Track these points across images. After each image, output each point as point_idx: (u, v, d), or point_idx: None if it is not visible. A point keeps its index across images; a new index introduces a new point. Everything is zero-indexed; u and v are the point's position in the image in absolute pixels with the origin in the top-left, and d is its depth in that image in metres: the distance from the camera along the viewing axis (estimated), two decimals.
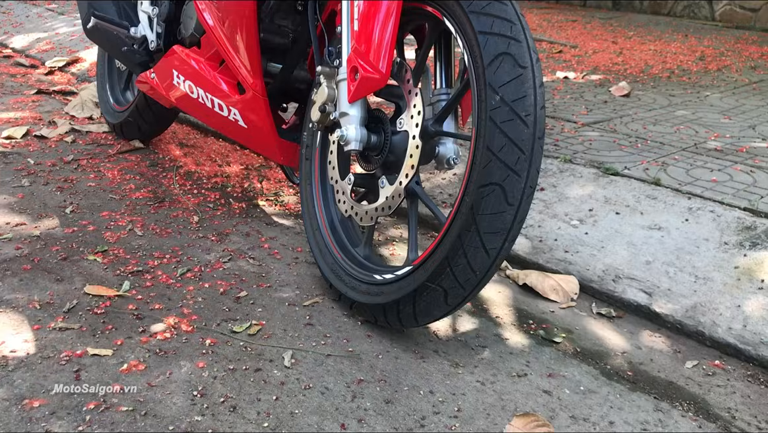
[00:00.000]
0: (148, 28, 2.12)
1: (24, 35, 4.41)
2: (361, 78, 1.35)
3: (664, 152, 2.26)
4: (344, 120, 1.42)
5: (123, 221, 1.90)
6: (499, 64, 1.20)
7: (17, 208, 1.95)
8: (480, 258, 1.22)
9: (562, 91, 3.07)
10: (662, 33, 4.71)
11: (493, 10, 1.23)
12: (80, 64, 3.72)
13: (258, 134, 1.77)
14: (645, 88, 3.18)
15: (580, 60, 3.76)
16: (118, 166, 2.33)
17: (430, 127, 1.38)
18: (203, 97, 1.86)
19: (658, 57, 3.87)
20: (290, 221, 2.00)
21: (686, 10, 5.52)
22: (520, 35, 1.22)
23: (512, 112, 1.18)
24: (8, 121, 2.77)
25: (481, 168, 1.20)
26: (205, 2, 1.76)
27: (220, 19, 1.72)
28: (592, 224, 1.88)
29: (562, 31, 4.65)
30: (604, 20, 5.24)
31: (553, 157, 2.20)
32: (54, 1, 5.29)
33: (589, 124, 2.58)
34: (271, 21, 1.80)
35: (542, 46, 4.11)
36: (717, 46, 4.25)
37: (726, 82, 3.35)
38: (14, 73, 3.62)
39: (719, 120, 2.68)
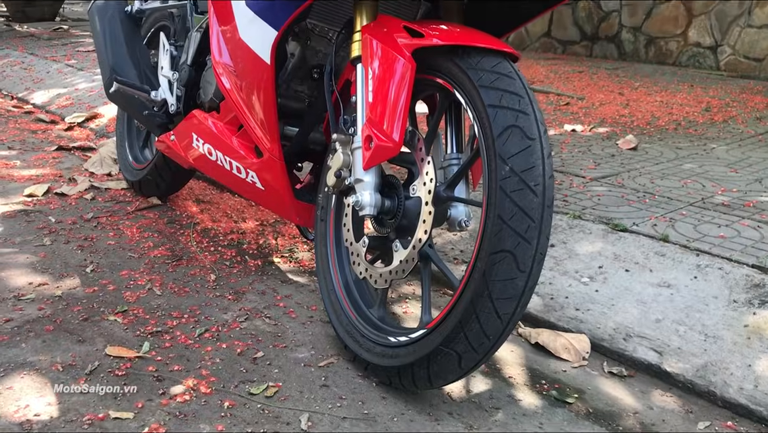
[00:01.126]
0: (168, 92, 2.20)
1: (44, 91, 4.53)
2: (375, 147, 1.40)
3: (672, 207, 2.30)
4: (359, 186, 1.47)
5: (142, 280, 1.95)
6: (508, 136, 1.25)
7: (39, 267, 2.01)
8: (493, 323, 1.25)
9: (570, 145, 3.13)
10: (668, 83, 4.78)
11: (502, 84, 1.29)
12: (99, 119, 3.82)
13: (274, 196, 1.83)
14: (652, 140, 3.24)
15: (588, 112, 3.83)
16: (136, 223, 2.39)
17: (442, 192, 1.43)
18: (222, 159, 1.92)
19: (664, 108, 3.93)
20: (305, 279, 2.04)
21: (691, 59, 5.61)
22: (528, 108, 1.27)
23: (522, 182, 1.23)
24: (30, 178, 2.85)
25: (492, 235, 1.24)
26: (225, 69, 1.83)
27: (238, 85, 1.79)
28: (603, 281, 1.91)
29: (569, 82, 4.73)
30: (611, 70, 5.33)
31: (562, 213, 2.24)
32: (74, 56, 5.45)
33: (597, 178, 2.62)
34: (288, 87, 1.87)
35: (550, 98, 4.19)
36: (722, 97, 4.32)
37: (732, 133, 3.40)
38: (35, 129, 3.72)
39: (726, 173, 2.72)
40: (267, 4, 1.58)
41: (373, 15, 1.53)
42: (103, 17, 2.44)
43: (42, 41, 6.33)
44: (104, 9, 2.47)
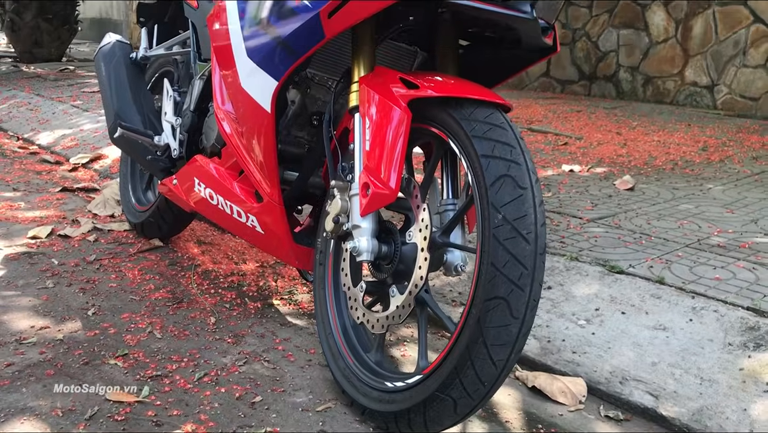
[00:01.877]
0: (171, 137, 2.24)
1: (50, 132, 4.60)
2: (372, 194, 1.44)
3: (668, 249, 2.32)
4: (356, 232, 1.50)
5: (143, 323, 1.97)
6: (500, 185, 1.28)
7: (42, 310, 2.03)
8: (488, 369, 1.27)
9: (568, 185, 3.16)
10: (665, 122, 4.84)
11: (494, 135, 1.33)
12: (103, 160, 3.88)
13: (274, 240, 1.85)
14: (649, 180, 3.27)
15: (585, 152, 3.87)
16: (138, 265, 2.41)
17: (438, 238, 1.46)
18: (223, 204, 1.96)
19: (661, 148, 3.98)
20: (304, 321, 2.05)
21: (689, 98, 5.68)
22: (520, 158, 1.31)
23: (514, 230, 1.25)
24: (34, 220, 2.88)
25: (486, 282, 1.26)
26: (227, 116, 1.88)
27: (240, 132, 1.83)
28: (599, 323, 1.92)
29: (567, 122, 4.79)
30: (609, 110, 5.40)
31: (559, 254, 2.27)
32: (79, 97, 5.53)
33: (594, 220, 2.65)
34: (289, 132, 1.92)
35: (548, 138, 4.24)
36: (719, 136, 4.37)
37: (728, 173, 3.44)
38: (40, 171, 3.77)
39: (722, 214, 2.74)
40: (268, 56, 1.63)
41: (370, 66, 1.57)
42: (109, 63, 2.51)
43: (48, 82, 6.43)
44: (110, 55, 2.53)
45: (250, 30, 1.68)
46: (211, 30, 1.87)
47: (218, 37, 1.82)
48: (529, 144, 4.08)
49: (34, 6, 8.09)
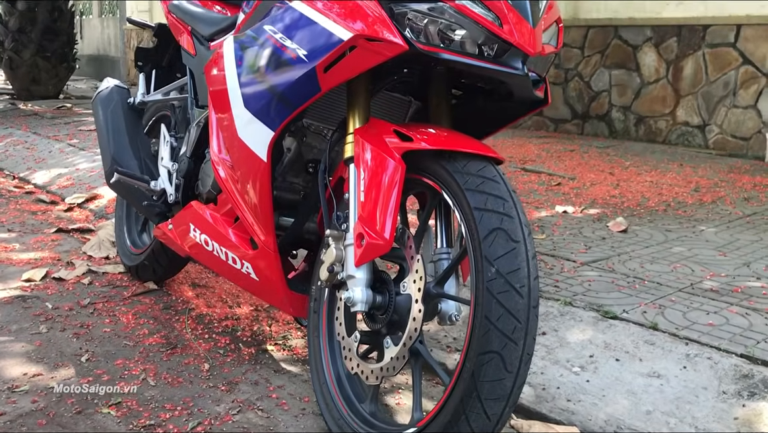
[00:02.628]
0: (167, 182, 2.26)
1: (46, 171, 4.62)
2: (366, 244, 1.45)
3: (662, 293, 2.33)
4: (351, 282, 1.51)
5: (136, 369, 1.96)
6: (493, 238, 1.30)
7: (35, 357, 2.02)
8: (482, 423, 1.27)
9: (562, 227, 3.18)
10: (658, 162, 4.89)
11: (487, 188, 1.35)
12: (98, 200, 3.89)
13: (268, 287, 1.86)
14: (642, 222, 3.29)
15: (579, 192, 3.90)
16: (132, 309, 2.41)
17: (432, 289, 1.47)
18: (218, 250, 1.97)
19: (654, 189, 4.01)
20: (298, 368, 2.05)
21: (680, 138, 5.74)
22: (512, 211, 1.32)
23: (507, 284, 1.27)
24: (28, 262, 2.88)
25: (480, 336, 1.27)
26: (223, 163, 1.90)
27: (235, 179, 1.85)
28: (593, 370, 1.92)
29: (560, 161, 4.83)
30: (601, 149, 5.45)
31: (553, 299, 2.28)
32: (76, 136, 5.57)
33: (588, 263, 2.66)
34: (284, 179, 1.93)
35: (542, 179, 4.27)
36: (711, 176, 4.41)
37: (720, 215, 3.47)
38: (35, 211, 3.78)
39: (715, 257, 2.76)
40: (264, 107, 1.65)
41: (365, 118, 1.60)
42: (107, 108, 2.53)
43: (45, 120, 6.47)
44: (108, 100, 2.56)
45: (247, 80, 1.70)
46: (209, 78, 1.90)
47: (215, 86, 1.85)
48: (522, 184, 4.11)
49: (33, 44, 8.18)
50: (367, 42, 1.43)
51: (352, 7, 1.46)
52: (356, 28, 1.43)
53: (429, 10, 1.41)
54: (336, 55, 1.47)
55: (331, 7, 1.50)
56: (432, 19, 1.43)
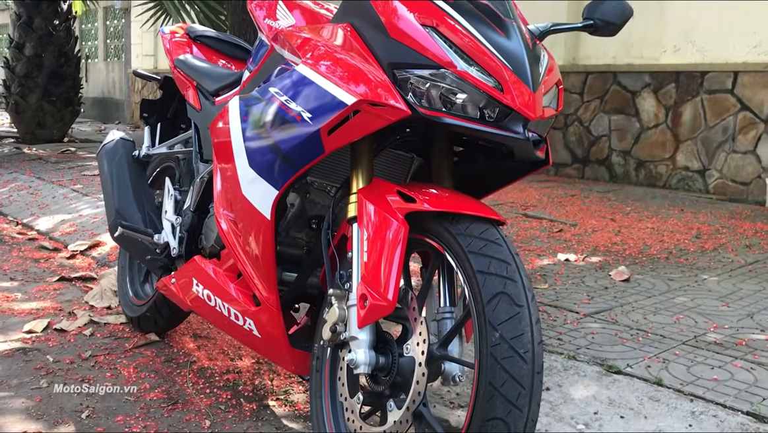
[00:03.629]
0: (171, 235, 2.27)
1: (49, 217, 4.64)
2: (370, 306, 1.45)
3: (665, 346, 2.32)
4: (354, 344, 1.50)
5: (137, 426, 1.95)
6: (497, 302, 1.30)
7: (35, 413, 2.01)
8: None
9: (564, 276, 3.18)
10: (658, 207, 4.90)
11: (490, 251, 1.36)
12: (101, 248, 3.90)
13: (271, 344, 1.85)
14: (644, 271, 3.29)
15: (580, 239, 3.91)
16: (134, 362, 2.40)
17: (436, 351, 1.47)
18: (220, 306, 1.97)
19: (655, 236, 4.02)
20: (299, 425, 2.03)
21: (681, 182, 5.77)
22: (516, 275, 1.33)
23: (511, 349, 1.27)
24: (30, 312, 2.88)
25: (484, 402, 1.26)
26: (226, 219, 1.91)
27: (239, 236, 1.86)
28: (598, 428, 1.91)
29: (561, 207, 4.85)
30: (602, 194, 5.47)
31: (557, 353, 2.27)
32: (79, 181, 5.60)
33: (591, 314, 2.66)
34: (288, 234, 1.94)
35: (543, 225, 4.29)
36: (712, 222, 4.42)
37: (722, 263, 3.47)
38: (38, 258, 3.78)
39: (717, 307, 2.76)
40: (269, 166, 1.67)
41: (368, 178, 1.62)
42: (111, 161, 2.56)
43: (49, 164, 6.52)
44: (113, 153, 2.58)
45: (252, 140, 1.72)
46: (214, 136, 1.92)
47: (221, 144, 1.87)
48: (524, 231, 4.12)
49: (40, 89, 8.28)
50: (370, 106, 1.45)
51: (356, 71, 1.49)
52: (360, 92, 1.46)
53: (431, 76, 1.44)
54: (340, 118, 1.49)
55: (335, 71, 1.53)
56: (434, 84, 1.45)
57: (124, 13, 13.32)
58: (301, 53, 1.65)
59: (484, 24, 1.49)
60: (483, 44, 1.46)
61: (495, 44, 1.47)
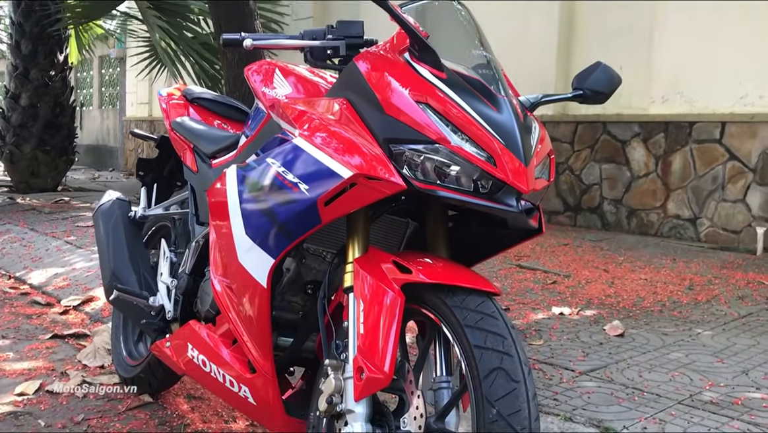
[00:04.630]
0: (166, 298, 2.27)
1: (42, 270, 4.63)
2: (366, 378, 1.45)
3: (661, 406, 2.32)
4: (350, 417, 1.50)
5: None
6: (494, 378, 1.30)
7: None
8: None
9: (559, 331, 3.18)
10: (651, 257, 4.93)
11: (486, 325, 1.37)
12: (94, 303, 3.88)
13: (266, 412, 1.84)
14: (638, 325, 3.30)
15: (574, 291, 3.92)
16: (127, 426, 2.37)
17: (433, 424, 1.46)
18: (215, 371, 1.96)
19: (648, 287, 4.04)
20: None
21: (672, 231, 5.82)
22: (512, 350, 1.34)
23: (509, 426, 1.27)
24: (22, 373, 2.85)
25: None
26: (222, 285, 1.91)
27: (234, 302, 1.86)
28: None
29: (554, 257, 4.88)
30: (595, 243, 5.51)
31: (554, 414, 2.26)
32: (73, 232, 5.60)
33: (586, 372, 2.65)
34: (283, 298, 1.94)
35: (537, 276, 4.30)
36: (704, 273, 4.44)
37: (716, 316, 3.48)
38: (30, 314, 3.76)
39: (712, 364, 2.76)
40: (265, 235, 1.68)
41: (364, 247, 1.63)
42: (108, 222, 2.57)
43: (43, 215, 6.52)
44: (109, 214, 2.60)
45: (248, 209, 1.74)
46: (211, 203, 1.94)
47: (217, 212, 1.88)
48: (518, 282, 4.13)
49: (34, 139, 8.33)
50: (367, 180, 1.47)
51: (353, 145, 1.52)
52: (357, 166, 1.48)
53: (425, 150, 1.47)
54: (337, 190, 1.51)
55: (332, 144, 1.55)
56: (428, 157, 1.48)
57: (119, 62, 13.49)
58: (299, 125, 1.68)
59: (476, 99, 1.53)
60: (475, 119, 1.49)
61: (487, 118, 1.50)
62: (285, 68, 2.02)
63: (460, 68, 1.60)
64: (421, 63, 1.56)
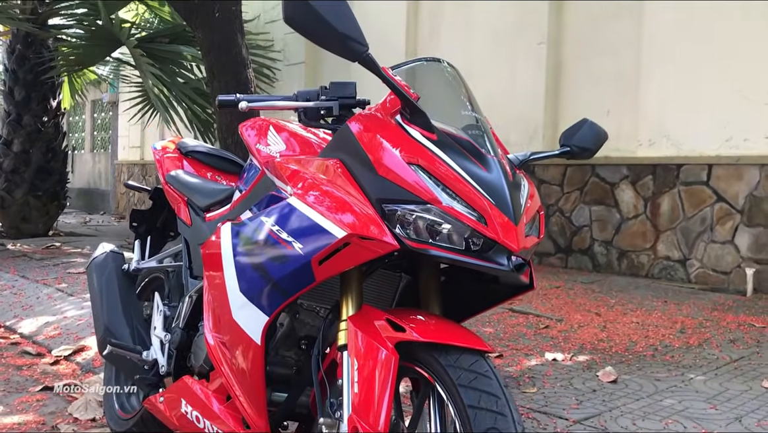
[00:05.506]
0: (159, 352, 2.27)
1: (33, 319, 4.60)
2: None
3: None
4: None
5: None
6: None
7: None
8: None
9: (552, 378, 3.18)
10: (642, 299, 4.95)
11: (480, 384, 1.38)
12: (86, 352, 3.85)
13: None
14: (631, 370, 3.31)
15: (567, 336, 3.93)
16: None
17: None
18: (209, 428, 1.95)
19: (640, 331, 4.05)
20: None
21: (663, 272, 5.85)
22: (506, 409, 1.35)
23: None
24: (12, 427, 2.82)
25: None
26: (216, 341, 1.91)
27: (228, 359, 1.86)
28: None
29: (547, 300, 4.89)
30: (586, 285, 5.53)
31: None
32: (65, 279, 5.58)
33: (580, 420, 2.65)
34: (277, 353, 1.95)
35: (530, 321, 4.31)
36: (696, 315, 4.47)
37: (708, 360, 3.49)
38: (20, 365, 3.73)
39: (705, 410, 2.76)
40: (259, 293, 1.70)
41: (358, 304, 1.65)
42: (101, 275, 2.58)
43: (34, 261, 6.50)
44: (102, 267, 2.61)
45: (243, 267, 1.75)
46: (205, 259, 1.95)
47: (211, 268, 1.90)
48: (511, 327, 4.14)
49: (26, 184, 8.35)
50: (360, 240, 1.50)
51: (346, 205, 1.55)
52: (350, 225, 1.51)
53: (417, 210, 1.50)
54: (331, 250, 1.54)
55: (326, 204, 1.58)
56: (420, 216, 1.51)
57: (111, 106, 13.59)
58: (292, 183, 1.71)
59: (466, 159, 1.57)
60: (465, 179, 1.52)
61: (477, 178, 1.54)
62: (278, 125, 2.06)
63: (450, 129, 1.64)
64: (412, 125, 1.61)
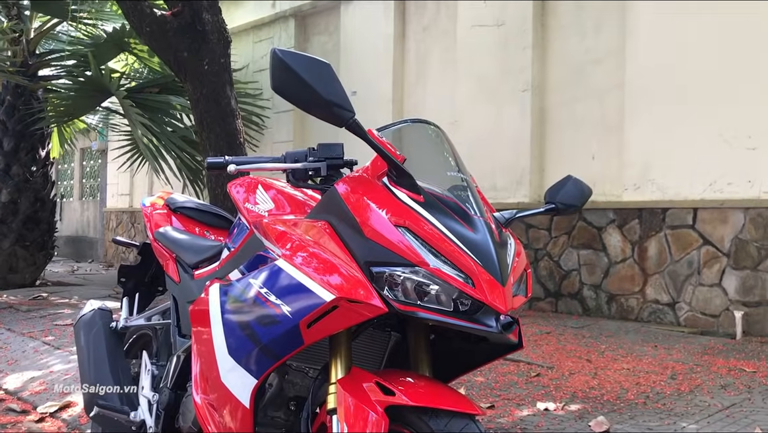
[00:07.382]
0: (147, 412, 2.24)
1: (18, 374, 4.53)
2: None
3: None
4: None
5: None
6: None
7: None
8: None
9: (544, 429, 3.16)
10: (632, 344, 4.95)
11: None
12: (72, 409, 3.79)
13: None
14: (623, 419, 3.29)
15: (558, 384, 3.91)
16: None
17: None
18: None
19: (631, 378, 4.04)
20: None
21: (652, 315, 5.86)
22: None
23: None
24: None
25: None
26: (204, 402, 1.90)
27: (217, 421, 1.85)
28: None
29: (537, 347, 4.88)
30: (576, 330, 5.52)
31: None
32: (51, 332, 5.52)
33: None
34: (265, 414, 1.93)
35: (521, 369, 4.29)
36: (686, 360, 4.46)
37: (700, 407, 3.48)
38: (4, 423, 3.66)
39: None
40: (248, 356, 1.69)
41: (347, 366, 1.65)
42: (89, 333, 2.56)
43: (20, 313, 6.43)
44: (90, 325, 2.59)
45: (231, 329, 1.75)
46: (194, 320, 1.95)
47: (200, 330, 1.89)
48: (502, 376, 4.12)
49: (13, 234, 8.30)
50: (348, 303, 1.51)
51: (335, 269, 1.56)
52: (338, 288, 1.52)
53: (405, 272, 1.51)
54: (319, 313, 1.54)
55: (314, 267, 1.59)
56: (408, 278, 1.52)
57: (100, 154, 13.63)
58: (281, 245, 1.72)
59: (452, 220, 1.59)
60: (452, 240, 1.54)
61: (463, 239, 1.55)
62: (266, 183, 2.08)
63: (437, 190, 1.67)
64: (398, 187, 1.63)
